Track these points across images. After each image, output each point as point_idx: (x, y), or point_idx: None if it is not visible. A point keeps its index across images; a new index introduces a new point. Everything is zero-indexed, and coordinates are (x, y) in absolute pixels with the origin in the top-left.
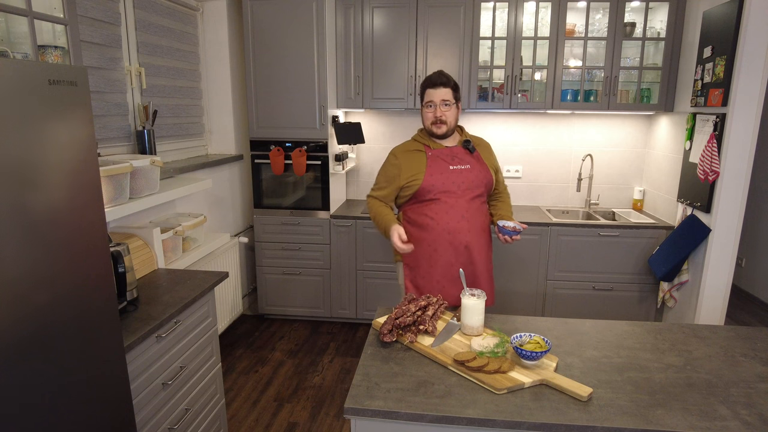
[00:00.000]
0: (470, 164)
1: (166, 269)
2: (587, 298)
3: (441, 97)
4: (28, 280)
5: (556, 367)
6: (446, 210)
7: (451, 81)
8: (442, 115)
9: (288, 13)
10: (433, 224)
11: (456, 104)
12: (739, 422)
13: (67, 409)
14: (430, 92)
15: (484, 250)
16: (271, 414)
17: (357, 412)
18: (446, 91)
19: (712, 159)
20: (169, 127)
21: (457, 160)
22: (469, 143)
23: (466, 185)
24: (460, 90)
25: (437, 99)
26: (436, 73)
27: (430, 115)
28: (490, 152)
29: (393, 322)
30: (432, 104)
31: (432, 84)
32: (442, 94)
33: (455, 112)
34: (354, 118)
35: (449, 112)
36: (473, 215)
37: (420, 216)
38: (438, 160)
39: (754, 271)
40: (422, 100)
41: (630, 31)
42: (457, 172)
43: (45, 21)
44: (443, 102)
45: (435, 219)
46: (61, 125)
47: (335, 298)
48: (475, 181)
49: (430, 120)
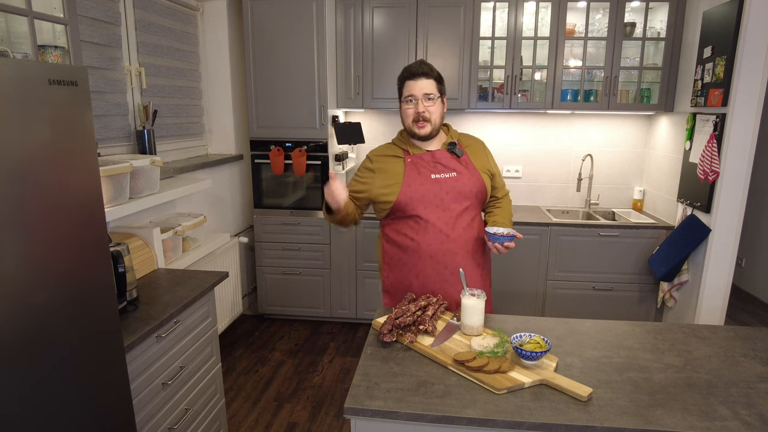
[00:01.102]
0: (456, 171)
1: (166, 269)
2: (587, 298)
3: (423, 90)
4: (28, 280)
5: (556, 367)
6: (427, 229)
7: (434, 71)
8: (425, 111)
9: (288, 13)
10: (414, 246)
11: (441, 98)
12: (739, 422)
13: (67, 409)
14: (409, 85)
15: (478, 273)
16: (271, 414)
17: (357, 412)
18: (429, 83)
19: (712, 159)
20: (169, 127)
21: (440, 167)
22: (454, 145)
23: (451, 197)
24: (444, 82)
25: (418, 92)
26: (416, 63)
27: (411, 111)
28: (483, 153)
29: (393, 322)
30: (412, 99)
31: (411, 75)
32: (424, 86)
33: (440, 107)
34: (354, 118)
35: (433, 107)
36: (462, 234)
37: (398, 235)
38: (417, 167)
39: (754, 271)
40: (400, 95)
41: (630, 31)
42: (441, 182)
43: (45, 21)
44: (426, 96)
45: (416, 240)
46: (61, 125)
47: (335, 298)
48: (463, 192)
49: (410, 117)
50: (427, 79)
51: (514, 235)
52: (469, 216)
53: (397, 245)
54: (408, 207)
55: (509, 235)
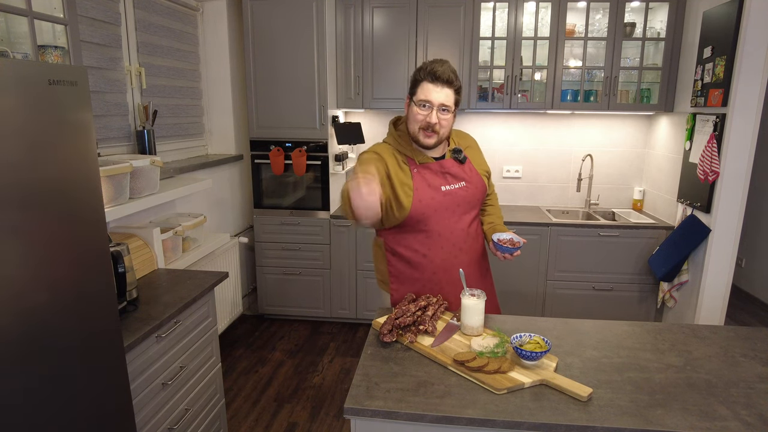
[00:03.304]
0: (465, 180)
1: (166, 269)
2: (587, 298)
3: (441, 100)
4: (28, 280)
5: (556, 367)
6: (441, 244)
7: (457, 80)
8: (438, 123)
9: (288, 13)
10: (425, 262)
11: (453, 111)
12: (739, 422)
13: (68, 409)
14: (427, 88)
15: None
16: (271, 414)
17: (357, 412)
18: (449, 93)
19: (712, 159)
20: (169, 127)
21: (450, 177)
22: (459, 152)
23: (462, 209)
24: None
25: (435, 101)
26: (443, 66)
27: (421, 118)
28: (478, 154)
29: (393, 323)
30: (428, 105)
31: (434, 78)
32: (444, 96)
33: (452, 120)
34: (354, 118)
35: (446, 120)
36: (472, 244)
37: (407, 250)
38: (426, 179)
39: (754, 271)
40: (413, 92)
41: (630, 31)
42: (452, 195)
43: (45, 21)
44: (442, 107)
45: (428, 256)
46: (61, 125)
47: (335, 298)
48: (472, 201)
49: (419, 124)
50: (450, 89)
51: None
52: (476, 223)
53: (406, 260)
54: (420, 222)
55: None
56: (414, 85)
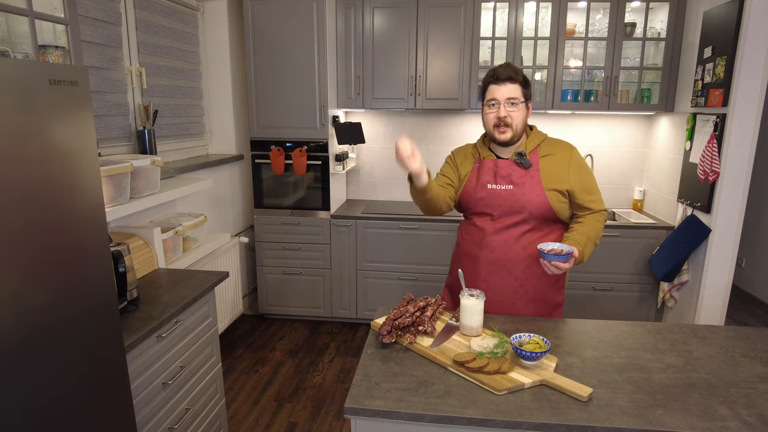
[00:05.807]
0: (516, 184)
1: (167, 269)
2: (587, 298)
3: (506, 94)
4: (28, 280)
5: (556, 368)
6: (473, 233)
7: (519, 74)
8: (507, 116)
9: (288, 13)
10: (462, 242)
11: (526, 103)
12: (739, 422)
13: (68, 409)
14: (492, 89)
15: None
16: (271, 414)
17: (357, 412)
18: (514, 87)
19: (712, 159)
20: (169, 127)
21: (500, 177)
22: (522, 156)
23: (502, 209)
24: (530, 86)
25: (501, 97)
26: (502, 66)
27: (492, 116)
28: (564, 166)
29: (392, 323)
30: (495, 102)
31: (496, 79)
32: (508, 90)
33: (524, 113)
34: (354, 118)
35: (516, 112)
36: (501, 246)
37: (462, 238)
38: (479, 174)
39: (754, 271)
40: (483, 98)
41: (630, 31)
42: (495, 194)
43: (45, 21)
44: (509, 100)
45: (465, 239)
46: (61, 125)
47: (335, 298)
48: (516, 206)
49: (491, 122)
50: (513, 84)
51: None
52: (519, 231)
53: (460, 246)
54: (466, 209)
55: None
56: (482, 91)
